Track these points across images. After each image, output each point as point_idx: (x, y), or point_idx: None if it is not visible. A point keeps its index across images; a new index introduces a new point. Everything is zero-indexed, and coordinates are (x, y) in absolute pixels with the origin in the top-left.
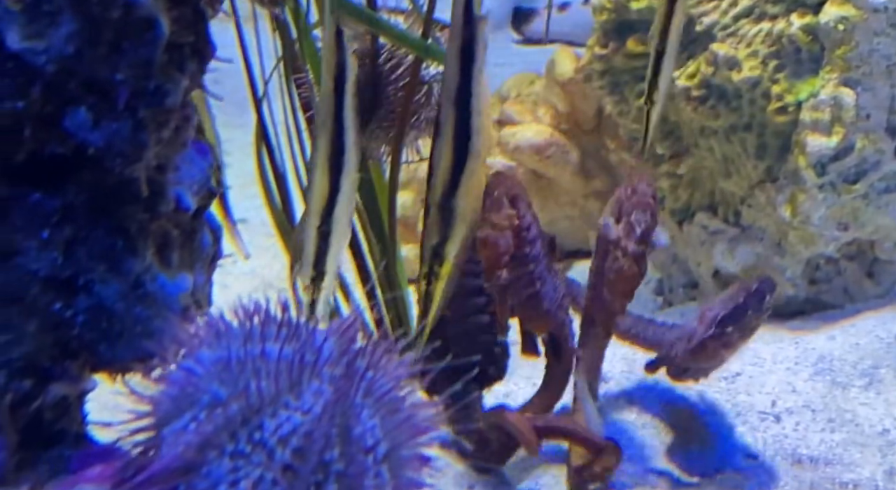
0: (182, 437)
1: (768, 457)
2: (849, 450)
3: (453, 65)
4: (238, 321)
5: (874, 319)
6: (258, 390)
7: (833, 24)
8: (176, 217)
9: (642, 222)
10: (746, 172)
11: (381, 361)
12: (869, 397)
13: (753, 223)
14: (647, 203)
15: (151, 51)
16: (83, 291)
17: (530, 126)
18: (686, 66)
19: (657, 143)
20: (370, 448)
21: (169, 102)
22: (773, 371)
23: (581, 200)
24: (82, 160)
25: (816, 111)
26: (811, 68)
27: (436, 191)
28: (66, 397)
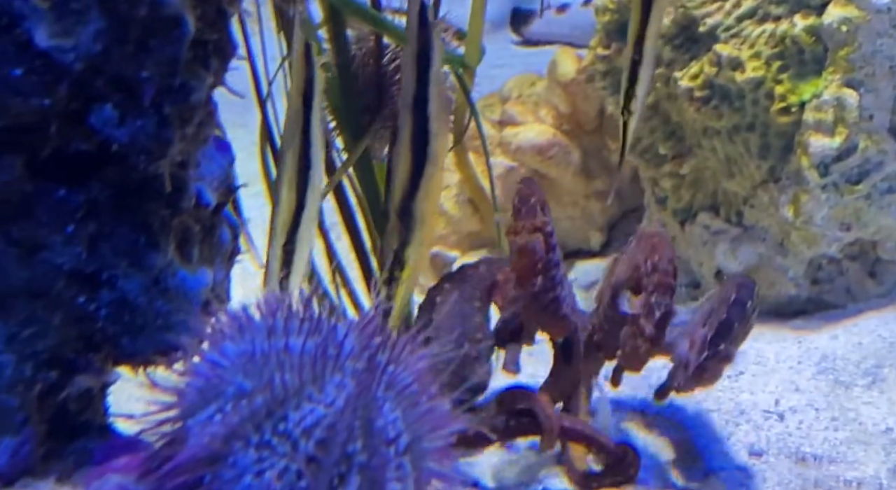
0: (208, 427)
1: (772, 455)
2: (852, 448)
3: (410, 71)
4: (261, 315)
5: (876, 319)
6: (282, 383)
7: (836, 25)
8: (196, 213)
9: (663, 306)
10: (749, 173)
11: (402, 356)
12: (872, 396)
13: (756, 223)
14: (667, 284)
15: (177, 48)
16: (106, 286)
17: (532, 126)
18: (689, 67)
19: (660, 144)
20: (392, 440)
21: (193, 99)
22: (777, 370)
23: (582, 201)
24: (107, 156)
25: (819, 112)
26: (814, 69)
27: (395, 196)
28: (89, 389)
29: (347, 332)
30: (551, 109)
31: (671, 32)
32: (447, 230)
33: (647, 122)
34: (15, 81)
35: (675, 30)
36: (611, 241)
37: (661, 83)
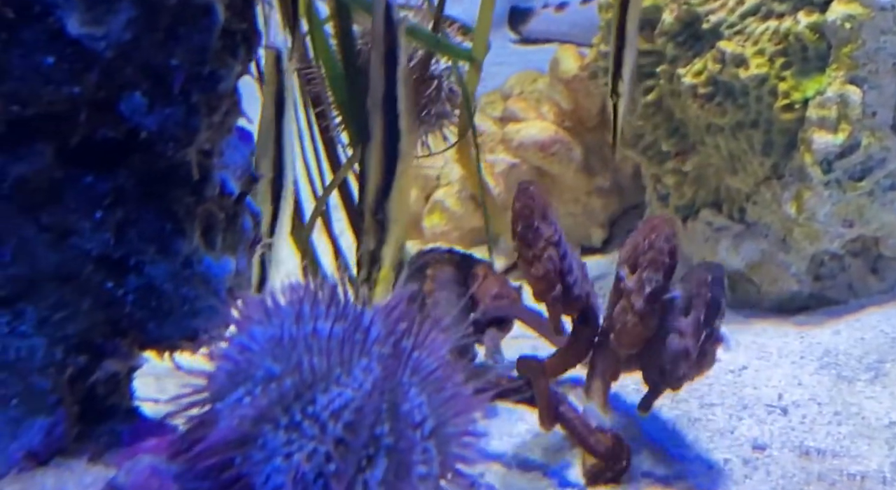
0: (238, 410)
1: (775, 449)
2: (856, 442)
3: (378, 70)
4: (288, 301)
5: (878, 315)
6: (310, 366)
7: (840, 22)
8: (221, 201)
9: (653, 282)
10: (752, 169)
11: (426, 341)
12: (875, 391)
13: (758, 220)
14: (661, 261)
15: (207, 37)
16: (133, 271)
17: (534, 123)
18: (693, 64)
19: (663, 141)
20: (418, 424)
21: (222, 88)
22: (779, 365)
23: (584, 197)
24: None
25: (823, 109)
26: (818, 66)
27: (369, 196)
28: (116, 373)
29: (373, 317)
30: (553, 106)
31: (675, 29)
32: (449, 226)
33: (650, 119)
34: (47, 69)
35: (678, 27)
36: (612, 238)
37: (665, 80)
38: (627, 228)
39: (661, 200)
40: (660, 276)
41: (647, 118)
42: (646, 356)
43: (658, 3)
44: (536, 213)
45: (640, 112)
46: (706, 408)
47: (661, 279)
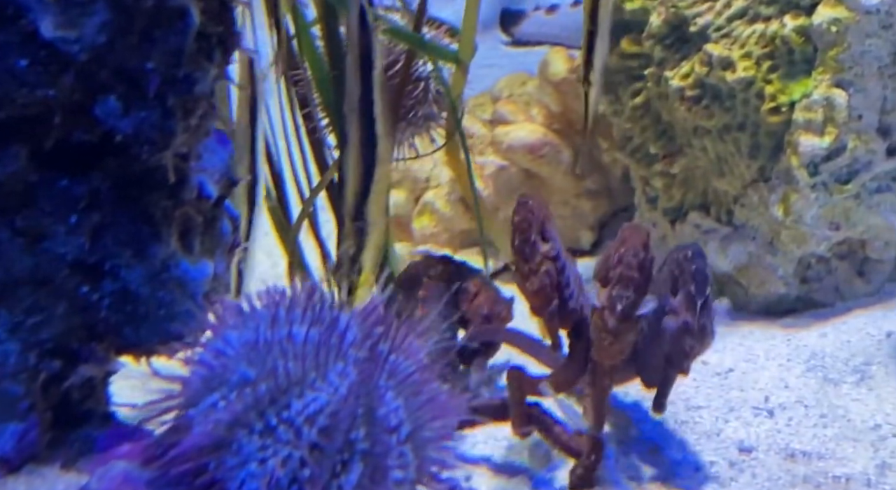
0: (212, 415)
1: (761, 451)
2: (841, 445)
3: (354, 74)
4: (263, 305)
5: (865, 317)
6: (286, 371)
7: (826, 25)
8: (198, 205)
9: (623, 299)
10: (740, 172)
11: (404, 345)
12: (861, 393)
13: (746, 222)
14: (630, 277)
15: (182, 40)
16: (109, 276)
17: (523, 125)
18: (680, 67)
19: (651, 143)
20: (394, 428)
21: (197, 91)
22: (766, 367)
23: (573, 200)
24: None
25: (809, 111)
26: (804, 69)
27: (349, 202)
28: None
29: (350, 321)
30: (542, 109)
31: (662, 32)
32: (438, 228)
33: (638, 122)
34: (20, 72)
35: (666, 29)
36: (601, 240)
37: (653, 82)
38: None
39: (649, 203)
40: (630, 293)
41: (635, 121)
42: (643, 357)
43: (646, 5)
44: (534, 227)
45: (629, 115)
46: (693, 410)
47: (632, 295)
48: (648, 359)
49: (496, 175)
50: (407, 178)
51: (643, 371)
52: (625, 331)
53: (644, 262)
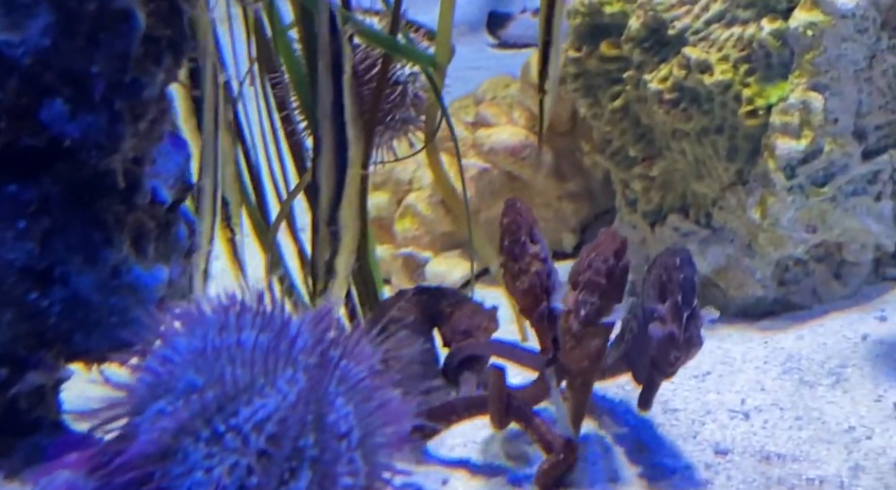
0: (158, 423)
1: (737, 454)
2: (815, 447)
3: (326, 80)
4: (213, 311)
5: (841, 320)
6: (233, 378)
7: (802, 29)
8: (152, 209)
9: (588, 304)
10: (718, 175)
11: (355, 351)
12: (836, 396)
13: (724, 225)
14: (596, 282)
15: (127, 43)
16: (59, 282)
17: (505, 128)
18: (659, 70)
19: (630, 146)
20: (344, 434)
21: (145, 95)
22: (743, 370)
23: (555, 202)
24: (58, 152)
25: (786, 115)
26: (781, 73)
27: (323, 207)
28: (41, 386)
29: (300, 327)
30: (524, 111)
31: (641, 35)
32: (420, 231)
33: (617, 125)
34: None
35: (644, 33)
36: (583, 243)
37: (632, 86)
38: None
39: (629, 205)
40: (595, 298)
41: (614, 124)
42: (632, 355)
43: (625, 9)
44: (524, 229)
45: (608, 118)
46: (669, 413)
47: (597, 301)
48: (637, 357)
49: (478, 177)
50: (389, 181)
51: (633, 367)
52: (588, 336)
53: (613, 269)
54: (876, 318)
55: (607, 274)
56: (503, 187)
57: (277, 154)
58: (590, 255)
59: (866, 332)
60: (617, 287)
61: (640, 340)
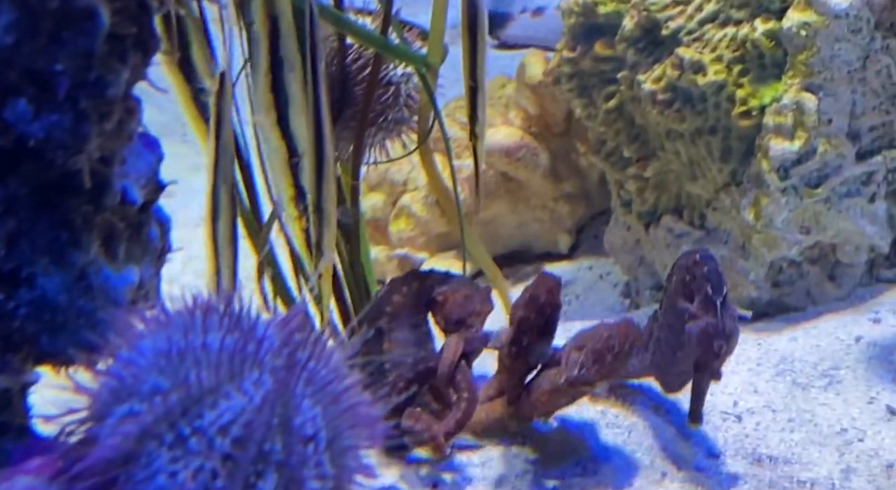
0: (121, 427)
1: (729, 456)
2: (807, 449)
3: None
4: (179, 312)
5: (835, 321)
6: (198, 380)
7: (795, 29)
8: (122, 210)
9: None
10: (712, 176)
11: (324, 352)
12: (828, 398)
13: (718, 226)
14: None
15: (91, 41)
16: (26, 284)
17: (500, 129)
18: (652, 70)
19: (625, 147)
20: (311, 437)
21: (110, 94)
22: (736, 372)
23: (551, 203)
24: (23, 152)
25: (779, 115)
26: (774, 73)
27: (312, 196)
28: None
29: (268, 328)
30: (520, 112)
31: (635, 35)
32: (415, 232)
33: (611, 126)
34: None
35: (638, 33)
36: (579, 244)
37: (626, 86)
38: (594, 234)
39: (624, 206)
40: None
41: (608, 124)
42: (661, 364)
43: (619, 9)
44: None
45: (602, 118)
46: (662, 415)
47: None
48: (668, 366)
49: (472, 179)
50: (384, 182)
51: (663, 377)
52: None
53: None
54: (870, 319)
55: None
56: (499, 188)
57: None
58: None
59: (860, 333)
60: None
61: (670, 348)
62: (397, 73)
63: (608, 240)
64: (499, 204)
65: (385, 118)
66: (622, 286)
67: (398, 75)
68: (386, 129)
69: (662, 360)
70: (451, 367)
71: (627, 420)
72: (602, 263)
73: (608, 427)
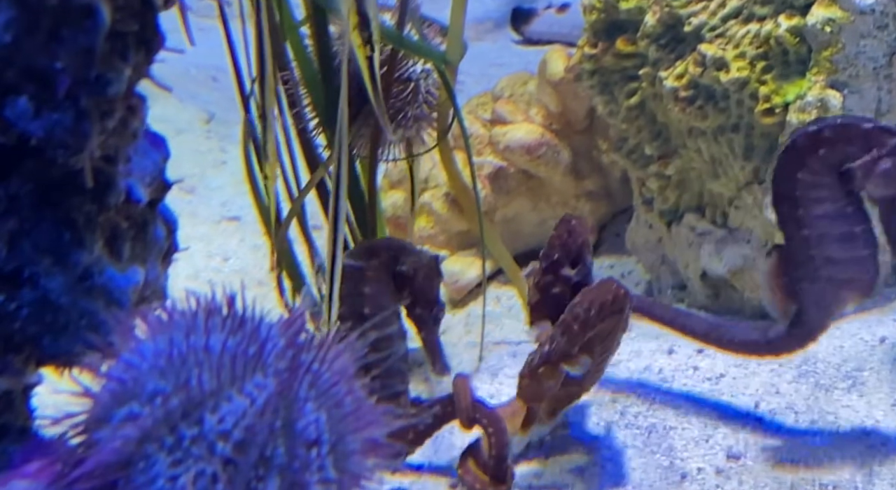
0: (121, 430)
1: (750, 458)
2: (829, 452)
3: None
4: (182, 313)
5: (858, 322)
6: (199, 383)
7: (820, 25)
8: (127, 209)
9: (555, 342)
10: (734, 174)
11: (328, 355)
12: (851, 399)
13: (741, 225)
14: (571, 327)
15: (91, 39)
16: (28, 284)
17: (521, 125)
18: (675, 67)
19: (646, 145)
20: (314, 441)
21: (111, 92)
22: (758, 373)
23: (573, 201)
24: (25, 150)
25: (803, 113)
26: (798, 70)
27: None
28: (9, 392)
29: (272, 330)
30: (541, 109)
31: (657, 32)
32: (435, 230)
33: (633, 123)
34: None
35: (660, 29)
36: (601, 242)
37: (648, 83)
38: (616, 232)
39: (646, 204)
40: (563, 340)
41: (630, 121)
42: None
43: (641, 4)
44: (566, 249)
45: (624, 115)
46: (682, 416)
47: (564, 344)
48: None
49: (494, 175)
50: (405, 179)
51: None
52: (544, 375)
53: (591, 320)
54: (894, 320)
55: (583, 323)
56: (519, 185)
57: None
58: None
59: (884, 334)
60: (588, 339)
61: None
62: (416, 69)
63: (630, 238)
64: (520, 201)
65: (404, 115)
66: (644, 285)
67: (417, 72)
68: (405, 125)
69: None
70: (470, 411)
71: (647, 421)
72: (624, 262)
73: (627, 427)
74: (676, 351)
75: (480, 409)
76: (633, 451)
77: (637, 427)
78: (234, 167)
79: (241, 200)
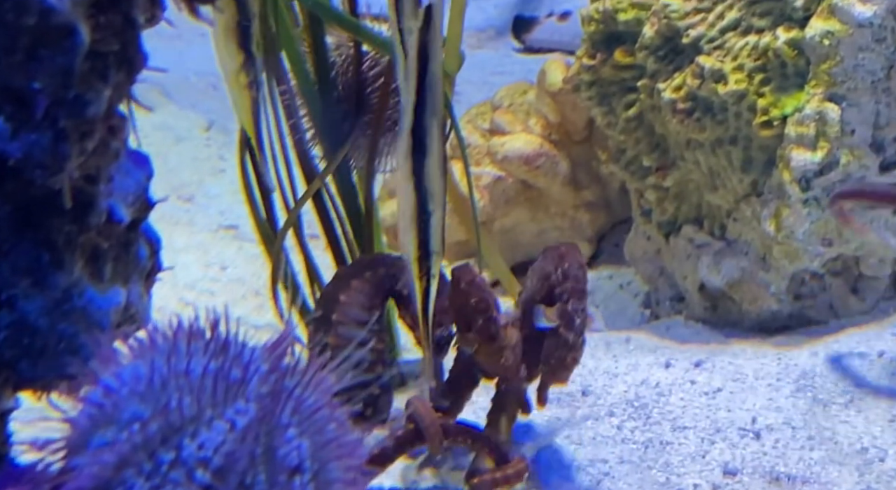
0: (99, 456)
1: (746, 474)
2: (827, 468)
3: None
4: (164, 336)
5: (858, 336)
6: (179, 408)
7: (818, 38)
8: (108, 229)
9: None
10: (732, 186)
11: (312, 379)
12: (849, 415)
13: (739, 237)
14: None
15: (70, 59)
16: (5, 307)
17: (519, 136)
18: (673, 78)
19: (644, 156)
20: (296, 468)
21: (91, 112)
22: (755, 387)
23: (571, 211)
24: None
25: (801, 126)
26: (796, 82)
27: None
28: None
29: (255, 354)
30: (540, 119)
31: (655, 43)
32: None
33: (631, 134)
34: None
35: (659, 41)
36: (599, 253)
37: (646, 94)
38: (615, 243)
39: (644, 216)
40: (584, 305)
41: (628, 133)
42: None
43: (639, 16)
44: (491, 302)
45: (622, 127)
46: (678, 431)
47: (586, 307)
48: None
49: (492, 186)
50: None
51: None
52: (581, 344)
53: (586, 275)
54: (893, 334)
55: (586, 280)
56: (518, 196)
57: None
58: (560, 266)
59: (882, 349)
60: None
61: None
62: None
63: (628, 249)
64: (518, 212)
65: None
66: (643, 296)
67: None
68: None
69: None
70: (436, 427)
71: (644, 435)
72: (622, 273)
73: (624, 442)
74: (674, 364)
75: (453, 427)
76: (629, 466)
77: (634, 442)
78: (232, 175)
79: (240, 209)
